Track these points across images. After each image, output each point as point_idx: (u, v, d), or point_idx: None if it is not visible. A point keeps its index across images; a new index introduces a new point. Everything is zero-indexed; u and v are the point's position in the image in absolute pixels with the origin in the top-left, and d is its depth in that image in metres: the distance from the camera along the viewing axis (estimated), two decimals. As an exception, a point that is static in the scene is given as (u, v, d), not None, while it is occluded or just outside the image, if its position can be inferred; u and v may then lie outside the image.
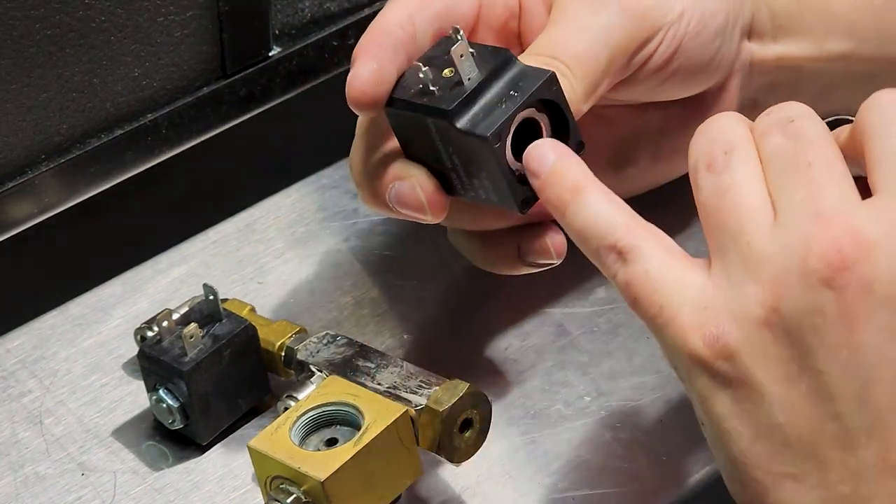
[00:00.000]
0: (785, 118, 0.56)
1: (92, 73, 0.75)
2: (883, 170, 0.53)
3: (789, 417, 0.53)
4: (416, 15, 0.64)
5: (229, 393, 0.68)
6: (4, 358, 0.74)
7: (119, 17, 0.75)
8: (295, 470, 0.61)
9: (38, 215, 0.75)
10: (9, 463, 0.69)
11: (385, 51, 0.62)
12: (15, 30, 0.71)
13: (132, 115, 0.78)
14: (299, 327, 0.70)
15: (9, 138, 0.74)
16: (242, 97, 0.81)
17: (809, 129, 0.55)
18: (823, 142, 0.55)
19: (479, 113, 0.61)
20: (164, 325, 0.67)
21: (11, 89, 0.72)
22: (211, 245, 0.80)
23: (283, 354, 0.69)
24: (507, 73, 0.62)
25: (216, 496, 0.67)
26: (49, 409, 0.71)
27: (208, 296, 0.68)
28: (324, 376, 0.67)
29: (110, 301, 0.77)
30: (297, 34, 0.83)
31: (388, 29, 0.63)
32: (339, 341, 0.68)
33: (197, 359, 0.66)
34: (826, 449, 0.53)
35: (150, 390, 0.68)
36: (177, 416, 0.68)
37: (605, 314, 0.74)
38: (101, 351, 0.74)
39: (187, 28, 0.78)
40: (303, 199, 0.82)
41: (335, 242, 0.79)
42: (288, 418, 0.64)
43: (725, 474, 0.56)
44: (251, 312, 0.71)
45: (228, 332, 0.68)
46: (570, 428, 0.69)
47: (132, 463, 0.69)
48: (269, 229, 0.80)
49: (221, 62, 0.80)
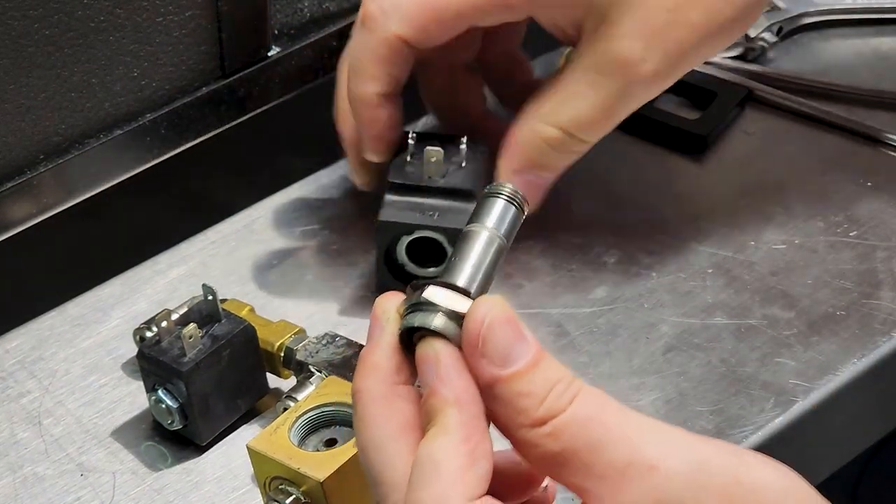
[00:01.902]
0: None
1: (91, 73, 0.75)
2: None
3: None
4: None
5: (228, 393, 0.68)
6: (3, 358, 0.74)
7: (118, 17, 0.75)
8: (294, 470, 0.61)
9: (37, 215, 0.75)
10: (8, 463, 0.69)
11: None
12: (14, 29, 0.71)
13: (131, 115, 0.78)
14: (298, 328, 0.70)
15: (7, 138, 0.73)
16: (241, 97, 0.81)
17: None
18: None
19: (403, 205, 0.72)
20: (164, 326, 0.67)
21: (10, 89, 0.72)
22: (210, 245, 0.80)
23: (282, 355, 0.69)
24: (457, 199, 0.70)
25: (216, 497, 0.67)
26: (48, 410, 0.71)
27: (207, 296, 0.68)
28: (323, 377, 0.67)
29: (109, 301, 0.76)
30: (297, 34, 0.83)
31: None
32: (338, 342, 0.68)
33: (196, 359, 0.66)
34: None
35: (149, 391, 0.68)
36: (176, 416, 0.67)
37: (605, 315, 0.74)
38: (100, 351, 0.74)
39: (186, 28, 0.78)
40: (302, 199, 0.82)
41: (334, 242, 0.79)
42: (287, 419, 0.63)
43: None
44: (250, 312, 0.71)
45: (228, 333, 0.68)
46: (570, 428, 0.69)
47: (131, 463, 0.69)
48: (267, 229, 0.80)
49: (220, 62, 0.80)
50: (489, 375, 0.50)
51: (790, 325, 0.73)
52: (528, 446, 0.50)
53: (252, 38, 0.80)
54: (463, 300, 0.51)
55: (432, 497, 0.50)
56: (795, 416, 0.69)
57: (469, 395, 0.51)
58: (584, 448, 0.50)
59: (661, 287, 0.76)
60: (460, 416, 0.51)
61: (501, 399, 0.50)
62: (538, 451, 0.50)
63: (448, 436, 0.50)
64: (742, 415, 0.69)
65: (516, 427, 0.50)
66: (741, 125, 0.85)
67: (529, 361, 0.51)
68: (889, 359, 0.72)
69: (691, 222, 0.79)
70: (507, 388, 0.50)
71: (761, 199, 0.80)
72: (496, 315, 0.51)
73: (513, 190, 0.54)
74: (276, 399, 0.70)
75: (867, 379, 0.72)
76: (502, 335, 0.51)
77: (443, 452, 0.50)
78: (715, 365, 0.72)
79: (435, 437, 0.50)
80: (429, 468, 0.50)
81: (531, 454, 0.50)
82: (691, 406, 0.70)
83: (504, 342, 0.51)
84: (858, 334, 0.73)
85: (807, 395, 0.70)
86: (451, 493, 0.49)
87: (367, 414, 0.52)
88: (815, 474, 0.75)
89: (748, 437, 0.68)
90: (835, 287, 0.75)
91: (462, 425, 0.50)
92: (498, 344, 0.51)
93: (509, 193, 0.54)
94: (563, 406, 0.50)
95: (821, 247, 0.77)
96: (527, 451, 0.50)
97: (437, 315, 0.51)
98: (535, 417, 0.50)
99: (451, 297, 0.51)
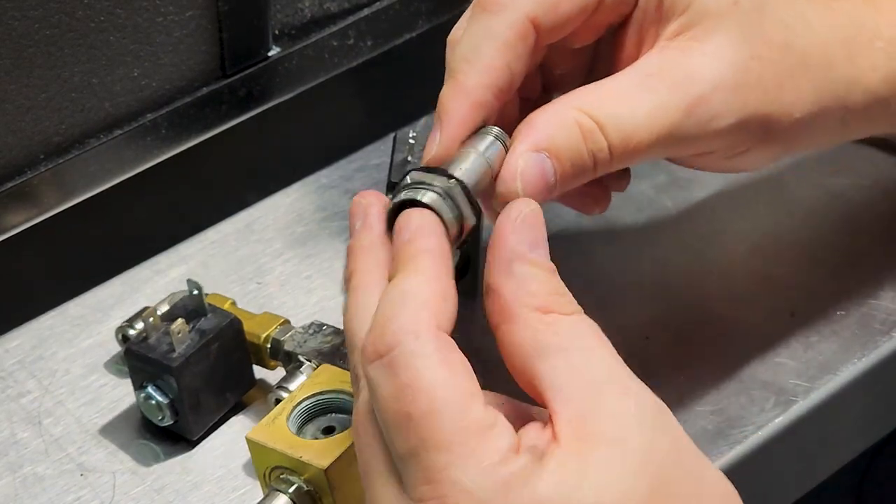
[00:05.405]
0: (381, 347, 0.50)
1: (91, 73, 0.75)
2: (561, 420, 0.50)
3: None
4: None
5: (218, 387, 0.69)
6: (3, 358, 0.74)
7: (118, 17, 0.75)
8: (296, 459, 0.61)
9: (37, 216, 0.75)
10: (7, 463, 0.69)
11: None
12: (14, 30, 0.71)
13: (131, 115, 0.78)
14: (283, 318, 0.70)
15: (7, 138, 0.74)
16: (242, 97, 0.81)
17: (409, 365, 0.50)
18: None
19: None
20: (150, 322, 0.67)
21: (10, 89, 0.72)
22: (210, 245, 0.80)
23: (269, 346, 0.69)
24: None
25: (216, 497, 0.67)
26: (48, 410, 0.71)
27: (192, 291, 0.68)
28: (313, 366, 0.67)
29: (109, 301, 0.76)
30: (297, 34, 0.83)
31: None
32: (325, 330, 0.69)
33: (185, 354, 0.67)
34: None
35: (137, 388, 0.68)
36: (166, 412, 0.67)
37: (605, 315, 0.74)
38: (99, 351, 0.74)
39: (186, 28, 0.78)
40: (302, 199, 0.82)
41: (334, 242, 0.79)
42: (284, 409, 0.64)
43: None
44: (233, 306, 0.71)
45: (215, 327, 0.68)
46: (570, 428, 0.69)
47: (131, 463, 0.69)
48: (267, 229, 0.80)
49: (221, 62, 0.80)
50: (514, 248, 0.52)
51: (790, 326, 0.73)
52: (524, 326, 0.51)
53: (252, 38, 0.80)
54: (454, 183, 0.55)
55: (401, 326, 0.50)
56: (795, 416, 0.69)
57: (444, 253, 0.53)
58: (575, 348, 0.51)
59: (661, 286, 0.76)
60: (433, 262, 0.52)
61: (517, 275, 0.52)
62: (532, 335, 0.51)
63: (420, 274, 0.51)
64: (742, 415, 0.69)
65: (521, 304, 0.52)
66: (741, 125, 0.85)
67: (549, 265, 0.53)
68: (889, 359, 0.72)
69: (690, 222, 0.79)
70: (525, 267, 0.52)
71: (761, 199, 0.80)
72: (537, 211, 0.54)
73: (500, 131, 0.58)
74: (261, 391, 0.70)
75: (867, 379, 0.72)
76: (539, 229, 0.54)
77: (414, 285, 0.51)
78: (715, 365, 0.72)
79: (405, 275, 0.51)
80: (397, 299, 0.51)
81: (521, 335, 0.51)
82: (691, 406, 0.70)
83: (537, 234, 0.54)
84: (858, 334, 0.73)
85: (807, 395, 0.70)
86: (421, 317, 0.50)
87: (359, 285, 0.54)
88: (816, 474, 0.75)
89: (748, 437, 0.68)
90: (835, 287, 0.75)
91: (434, 268, 0.52)
92: (532, 231, 0.53)
93: (496, 132, 0.58)
94: (569, 311, 0.52)
95: (821, 246, 0.77)
96: (519, 331, 0.52)
97: (431, 192, 0.53)
98: (542, 300, 0.52)
99: (446, 181, 0.55)
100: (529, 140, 0.59)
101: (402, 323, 0.50)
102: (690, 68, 0.61)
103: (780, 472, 0.71)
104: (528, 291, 0.52)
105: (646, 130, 0.60)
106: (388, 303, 0.51)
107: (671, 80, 0.61)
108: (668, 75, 0.61)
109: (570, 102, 0.60)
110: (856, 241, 0.77)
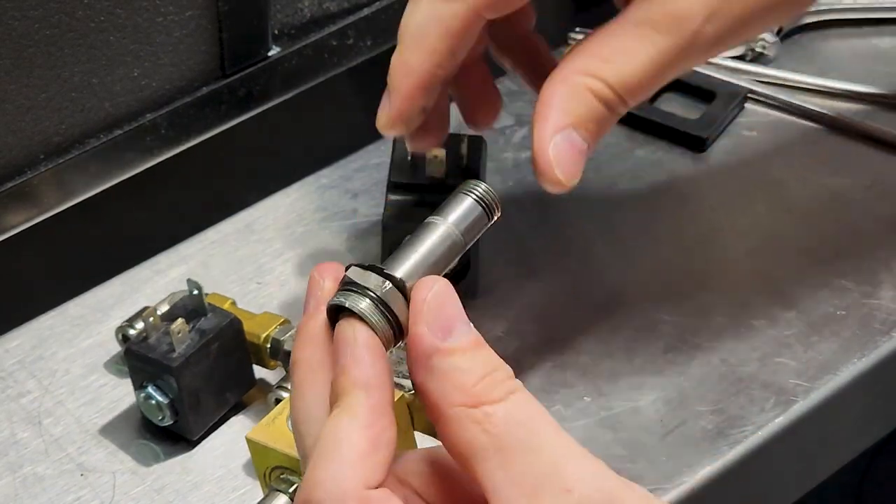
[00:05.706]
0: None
1: (91, 73, 0.75)
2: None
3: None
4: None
5: (217, 387, 0.69)
6: (3, 358, 0.74)
7: (118, 17, 0.75)
8: (296, 459, 0.61)
9: (37, 216, 0.75)
10: (7, 463, 0.69)
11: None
12: (14, 30, 0.71)
13: (131, 115, 0.78)
14: (283, 318, 0.70)
15: (7, 138, 0.73)
16: (242, 97, 0.81)
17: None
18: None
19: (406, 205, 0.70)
20: (150, 322, 0.67)
21: (10, 89, 0.72)
22: (210, 245, 0.80)
23: (269, 346, 0.69)
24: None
25: (216, 497, 0.67)
26: (48, 410, 0.71)
27: (192, 290, 0.68)
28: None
29: (109, 301, 0.76)
30: (297, 34, 0.83)
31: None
32: None
33: (185, 354, 0.67)
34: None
35: (137, 388, 0.68)
36: (166, 412, 0.68)
37: (605, 314, 0.74)
38: (99, 351, 0.74)
39: (186, 28, 0.77)
40: (302, 199, 0.82)
41: (334, 242, 0.79)
42: (284, 409, 0.64)
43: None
44: (233, 306, 0.71)
45: (215, 326, 0.68)
46: (571, 428, 0.69)
47: (131, 463, 0.69)
48: (268, 229, 0.80)
49: (221, 62, 0.80)
50: (429, 344, 0.50)
51: (790, 325, 0.73)
52: (455, 427, 0.49)
53: (252, 38, 0.80)
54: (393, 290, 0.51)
55: (329, 476, 0.49)
56: (795, 416, 0.69)
57: (380, 382, 0.50)
58: (509, 447, 0.49)
59: (661, 286, 0.76)
60: (367, 400, 0.50)
61: (437, 372, 0.50)
62: (463, 436, 0.49)
63: (353, 418, 0.50)
64: (742, 415, 0.69)
65: (447, 404, 0.49)
66: (741, 125, 0.86)
67: (471, 341, 0.50)
68: (889, 359, 0.72)
69: (690, 221, 0.79)
70: (445, 360, 0.50)
71: (761, 199, 0.80)
72: (443, 290, 0.51)
73: (486, 190, 0.54)
74: (261, 391, 0.70)
75: (867, 379, 0.72)
76: (448, 308, 0.50)
77: (345, 433, 0.49)
78: (715, 365, 0.72)
79: (339, 416, 0.50)
80: (330, 447, 0.49)
81: (454, 437, 0.49)
82: (691, 406, 0.70)
83: (448, 315, 0.50)
84: (858, 334, 0.73)
85: (807, 395, 0.70)
86: (348, 475, 0.49)
87: (303, 383, 0.52)
88: (816, 474, 0.75)
89: (748, 437, 0.68)
90: (835, 287, 0.75)
91: (369, 409, 0.50)
92: (442, 315, 0.50)
93: (480, 193, 0.54)
94: (499, 396, 0.49)
95: (820, 246, 0.77)
96: (452, 432, 0.49)
97: (365, 300, 0.51)
98: (469, 394, 0.49)
99: (381, 284, 0.51)
100: (551, 122, 0.62)
101: (328, 489, 0.49)
102: (678, 8, 0.63)
103: (780, 472, 0.71)
104: (452, 386, 0.50)
105: (652, 75, 0.64)
106: (321, 453, 0.50)
107: (664, 25, 0.63)
108: (659, 20, 0.63)
109: (575, 68, 0.63)
110: (856, 242, 0.77)
